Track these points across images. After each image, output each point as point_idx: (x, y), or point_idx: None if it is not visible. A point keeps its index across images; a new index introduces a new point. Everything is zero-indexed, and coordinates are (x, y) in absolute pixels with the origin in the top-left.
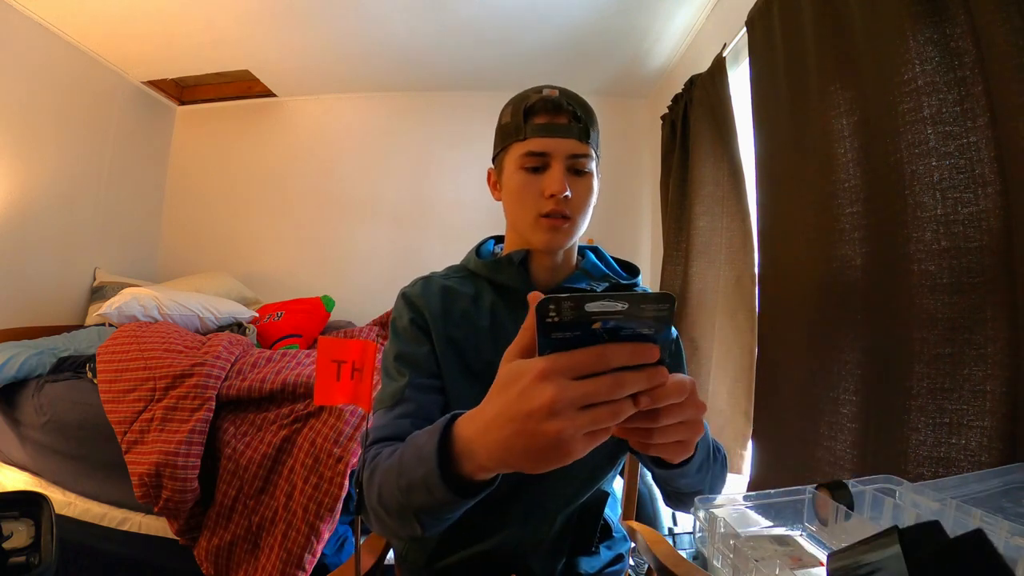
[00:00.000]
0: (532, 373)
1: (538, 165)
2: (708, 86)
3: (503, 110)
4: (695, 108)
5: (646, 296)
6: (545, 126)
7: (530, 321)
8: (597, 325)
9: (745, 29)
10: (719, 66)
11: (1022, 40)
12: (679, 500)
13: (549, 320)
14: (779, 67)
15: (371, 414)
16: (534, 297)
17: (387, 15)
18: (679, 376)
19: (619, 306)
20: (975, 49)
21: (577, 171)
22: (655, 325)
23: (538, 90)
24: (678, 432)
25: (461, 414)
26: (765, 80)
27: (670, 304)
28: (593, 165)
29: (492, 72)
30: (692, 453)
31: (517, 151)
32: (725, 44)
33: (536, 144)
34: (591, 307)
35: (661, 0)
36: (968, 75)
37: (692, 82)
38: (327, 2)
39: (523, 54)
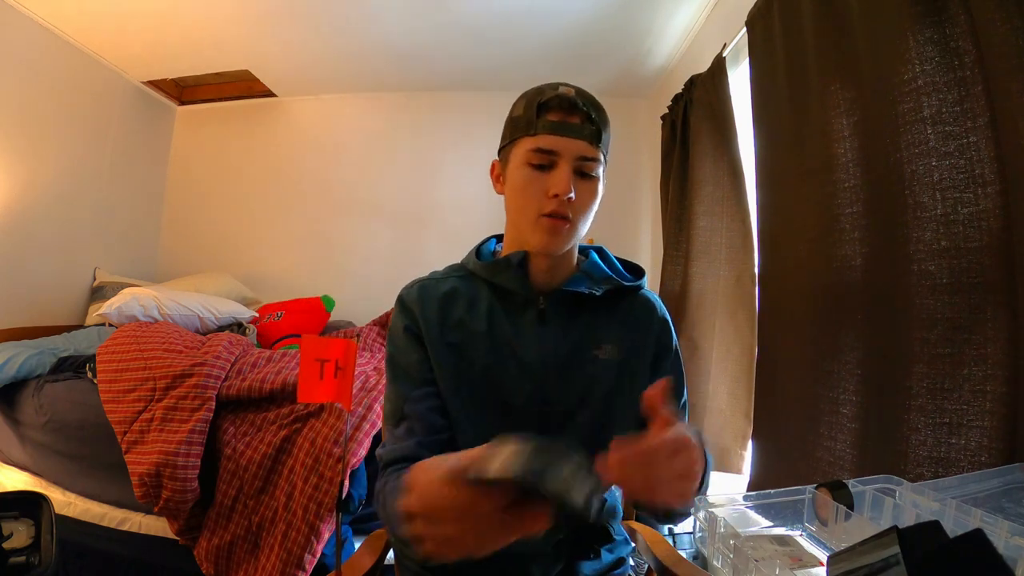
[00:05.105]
0: None
1: (545, 163)
2: (708, 86)
3: (516, 102)
4: (695, 108)
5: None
6: (557, 124)
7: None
8: None
9: (745, 29)
10: (719, 66)
11: (1022, 40)
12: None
13: None
14: (779, 67)
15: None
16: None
17: (387, 15)
18: (676, 431)
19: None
20: (975, 49)
21: (584, 174)
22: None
23: (554, 86)
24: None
25: None
26: (765, 80)
27: None
28: (601, 170)
29: (492, 72)
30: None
31: (525, 146)
32: (725, 44)
33: (546, 141)
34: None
35: (661, 0)
36: (968, 75)
37: (692, 82)
38: (327, 2)
39: (523, 54)
